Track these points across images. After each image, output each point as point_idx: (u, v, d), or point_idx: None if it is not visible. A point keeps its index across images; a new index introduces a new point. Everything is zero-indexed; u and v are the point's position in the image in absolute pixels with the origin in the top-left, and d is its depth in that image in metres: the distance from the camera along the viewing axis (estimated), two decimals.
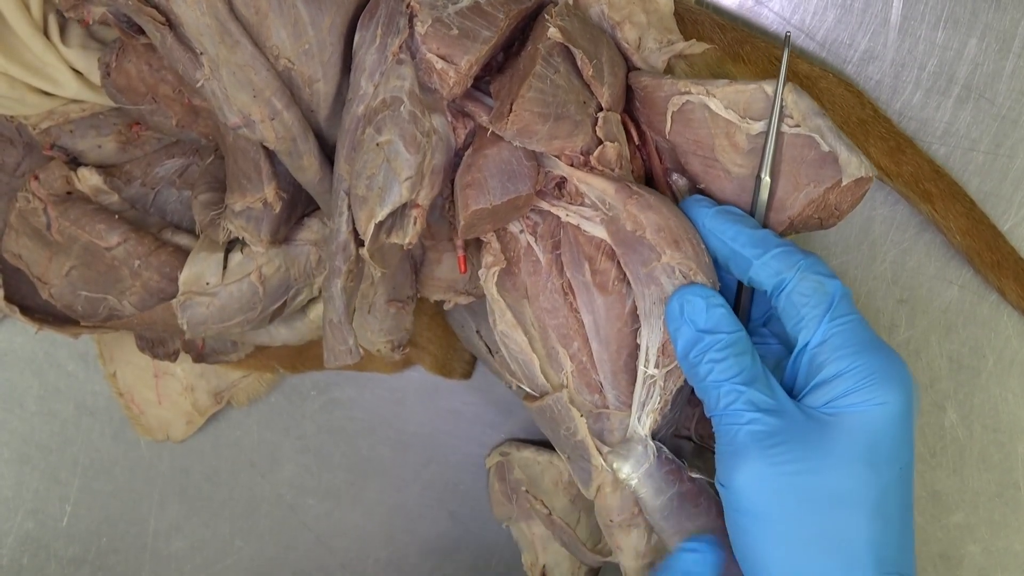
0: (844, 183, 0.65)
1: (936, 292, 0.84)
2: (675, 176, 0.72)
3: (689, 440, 0.76)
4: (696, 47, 0.72)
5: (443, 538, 0.95)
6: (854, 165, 0.64)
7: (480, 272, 0.70)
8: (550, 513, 0.85)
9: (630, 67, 0.72)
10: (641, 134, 0.73)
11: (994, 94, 0.80)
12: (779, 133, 0.66)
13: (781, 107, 0.65)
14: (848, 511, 0.61)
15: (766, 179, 0.66)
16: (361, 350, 0.69)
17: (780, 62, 0.67)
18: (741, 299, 0.70)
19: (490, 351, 0.75)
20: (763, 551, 0.62)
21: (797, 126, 0.65)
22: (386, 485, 0.94)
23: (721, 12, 0.80)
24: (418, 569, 0.95)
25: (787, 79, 0.66)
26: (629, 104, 0.72)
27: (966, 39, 0.79)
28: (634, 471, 0.67)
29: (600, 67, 0.67)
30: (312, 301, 0.81)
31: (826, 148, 0.65)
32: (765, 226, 0.68)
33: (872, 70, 0.80)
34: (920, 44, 0.79)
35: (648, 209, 0.65)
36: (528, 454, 0.87)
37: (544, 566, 0.89)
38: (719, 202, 0.69)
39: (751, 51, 0.76)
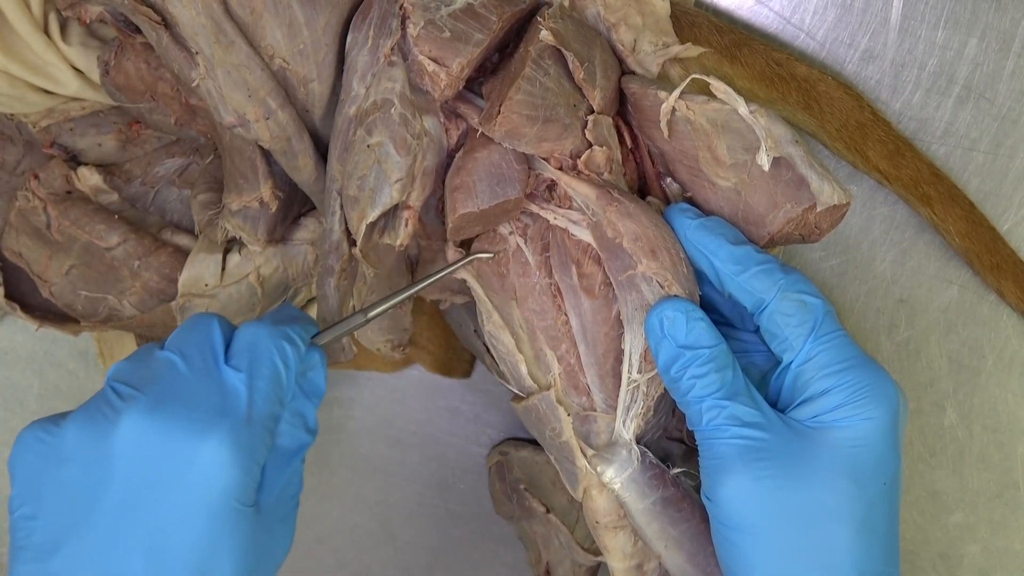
0: (819, 209, 0.65)
1: (936, 292, 0.83)
2: (668, 180, 0.72)
3: (680, 443, 0.76)
4: (691, 51, 0.72)
5: (443, 537, 0.95)
6: (827, 193, 0.65)
7: (465, 271, 0.71)
8: (547, 511, 0.85)
9: (624, 70, 0.72)
10: (634, 137, 0.72)
11: (994, 94, 0.79)
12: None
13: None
14: (833, 525, 0.61)
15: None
16: (356, 348, 0.69)
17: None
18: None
19: (488, 350, 0.75)
20: (749, 564, 0.62)
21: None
22: (386, 485, 0.94)
23: (720, 14, 0.79)
24: (418, 568, 0.95)
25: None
26: (623, 107, 0.72)
27: (966, 39, 0.79)
28: (617, 475, 0.67)
29: (592, 70, 0.67)
30: (311, 301, 0.81)
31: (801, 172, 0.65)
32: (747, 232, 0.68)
33: (872, 70, 0.80)
34: (920, 44, 0.79)
35: (627, 217, 0.65)
36: (527, 453, 0.87)
37: (548, 563, 0.89)
38: (705, 212, 0.69)
39: (749, 54, 0.75)
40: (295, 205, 0.76)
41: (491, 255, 0.69)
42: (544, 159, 0.68)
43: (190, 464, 0.59)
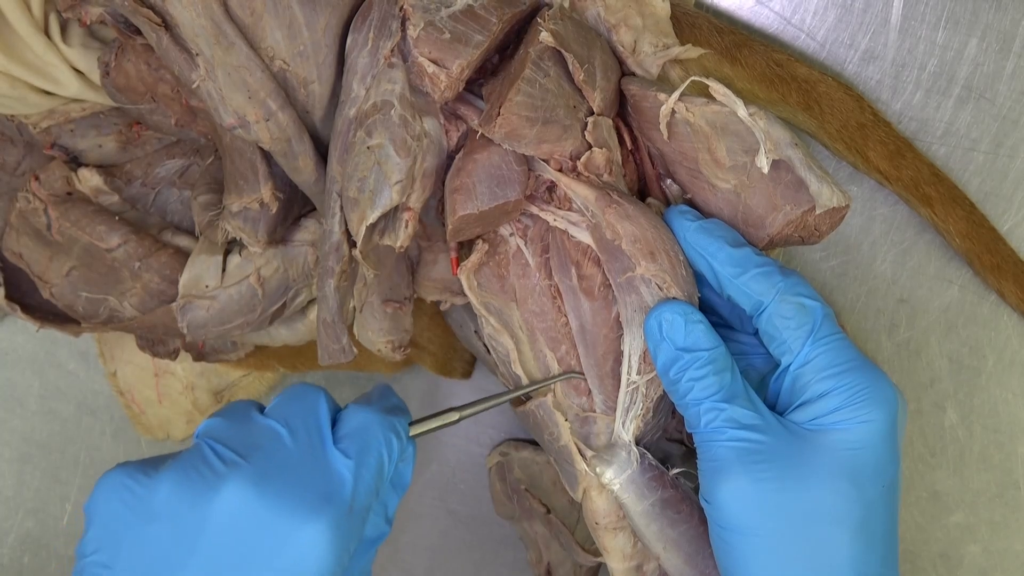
0: (818, 211, 0.65)
1: (936, 292, 0.83)
2: (668, 181, 0.72)
3: (680, 443, 0.76)
4: (691, 52, 0.72)
5: (443, 537, 0.95)
6: (826, 196, 0.65)
7: (459, 273, 0.71)
8: (548, 512, 0.85)
9: (624, 71, 0.72)
10: (634, 139, 0.73)
11: (994, 94, 0.79)
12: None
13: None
14: (831, 528, 0.61)
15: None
16: (356, 349, 0.69)
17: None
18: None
19: (488, 351, 0.75)
20: (746, 567, 0.62)
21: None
22: None
23: (720, 15, 0.80)
24: (419, 569, 0.95)
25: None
26: (623, 109, 0.72)
27: (966, 39, 0.79)
28: (616, 476, 0.67)
29: (592, 72, 0.67)
30: (312, 302, 0.81)
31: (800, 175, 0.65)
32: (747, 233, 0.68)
33: (872, 70, 0.80)
34: (920, 44, 0.79)
35: (625, 219, 0.65)
36: (527, 454, 0.87)
37: (548, 564, 0.89)
38: (705, 214, 0.69)
39: (749, 55, 0.75)
40: (295, 206, 0.76)
41: (581, 375, 0.70)
42: (544, 160, 0.68)
43: (287, 545, 0.58)
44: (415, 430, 0.68)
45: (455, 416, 0.68)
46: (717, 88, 0.66)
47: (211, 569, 0.58)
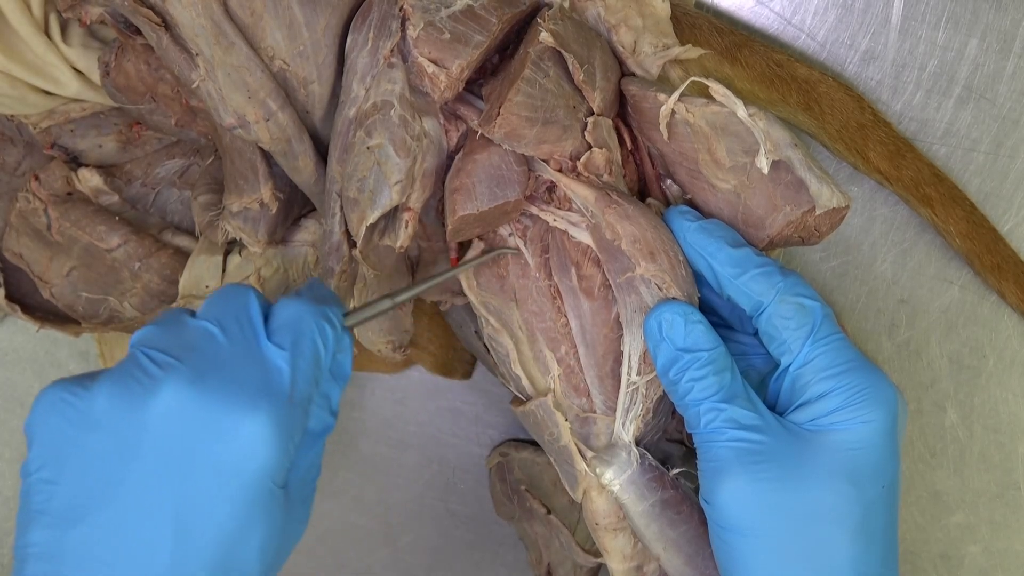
0: (818, 212, 0.65)
1: (937, 292, 0.83)
2: (668, 182, 0.72)
3: (680, 444, 0.76)
4: (691, 52, 0.72)
5: (443, 538, 0.95)
6: (825, 196, 0.65)
7: (460, 278, 0.71)
8: (548, 512, 0.85)
9: (624, 72, 0.72)
10: (634, 139, 0.72)
11: (995, 95, 0.79)
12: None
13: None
14: (831, 528, 0.61)
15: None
16: (357, 350, 0.69)
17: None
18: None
19: (488, 351, 0.75)
20: (746, 567, 0.62)
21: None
22: (386, 485, 0.94)
23: (720, 15, 0.79)
24: (419, 569, 0.95)
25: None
26: (623, 109, 0.72)
27: (967, 39, 0.79)
28: (616, 477, 0.67)
29: (592, 72, 0.67)
30: None
31: (800, 175, 0.65)
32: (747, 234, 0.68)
33: (873, 71, 0.80)
34: (921, 45, 0.79)
35: (625, 219, 0.65)
36: (527, 454, 0.87)
37: (549, 564, 0.89)
38: (705, 214, 0.69)
39: (749, 55, 0.75)
40: (295, 206, 0.76)
41: (515, 249, 0.69)
42: (544, 161, 0.68)
43: (229, 440, 0.57)
44: (350, 320, 0.67)
45: (388, 303, 0.67)
46: (717, 88, 0.66)
47: (155, 473, 0.57)
